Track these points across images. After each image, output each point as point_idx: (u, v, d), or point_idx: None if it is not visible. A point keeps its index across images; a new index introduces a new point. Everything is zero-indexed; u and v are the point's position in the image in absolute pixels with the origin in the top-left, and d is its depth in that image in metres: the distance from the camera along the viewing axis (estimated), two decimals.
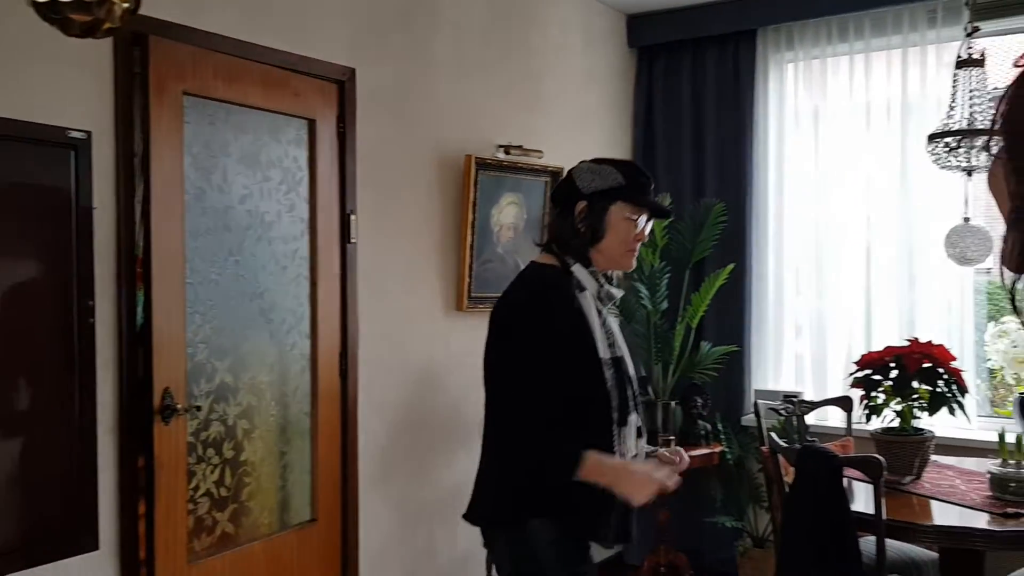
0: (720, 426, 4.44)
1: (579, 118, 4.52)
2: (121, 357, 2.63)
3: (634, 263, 2.28)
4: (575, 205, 2.20)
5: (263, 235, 3.04)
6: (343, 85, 3.29)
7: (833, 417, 4.12)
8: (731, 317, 4.54)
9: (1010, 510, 2.72)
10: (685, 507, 4.45)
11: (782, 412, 3.59)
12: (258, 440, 3.06)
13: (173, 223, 2.74)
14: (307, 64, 3.14)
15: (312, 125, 3.21)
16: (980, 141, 3.01)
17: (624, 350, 2.28)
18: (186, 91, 2.77)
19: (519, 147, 3.98)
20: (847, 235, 4.36)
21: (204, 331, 2.87)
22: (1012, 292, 0.78)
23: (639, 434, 2.25)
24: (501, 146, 3.93)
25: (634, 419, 2.20)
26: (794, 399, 3.70)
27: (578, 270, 2.19)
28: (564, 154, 4.22)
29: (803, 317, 4.50)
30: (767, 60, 4.52)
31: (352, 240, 3.33)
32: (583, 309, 2.16)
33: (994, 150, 0.81)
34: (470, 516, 2.26)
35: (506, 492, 2.18)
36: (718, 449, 4.32)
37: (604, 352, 2.15)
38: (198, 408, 2.84)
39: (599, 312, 2.20)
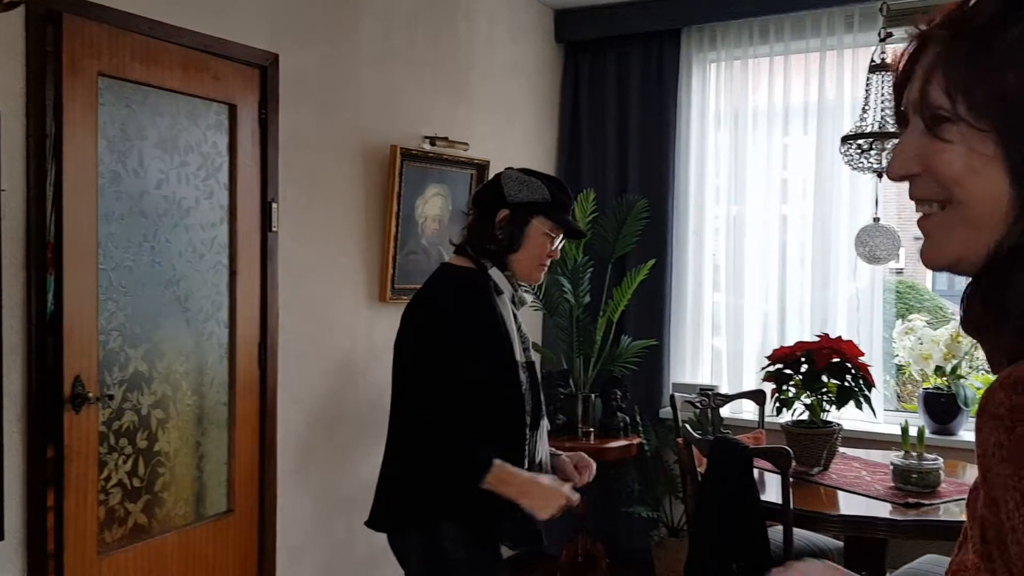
0: (639, 418, 4.51)
1: (506, 111, 4.53)
2: (30, 344, 2.55)
3: (542, 278, 2.31)
4: (497, 212, 2.21)
5: (180, 221, 2.98)
6: (265, 70, 3.24)
7: (747, 410, 4.23)
8: (651, 312, 4.62)
9: (911, 500, 2.82)
10: (603, 498, 4.52)
11: (697, 405, 3.67)
12: (173, 430, 3.01)
13: (86, 207, 2.66)
14: (228, 48, 3.09)
15: (233, 110, 3.15)
16: (891, 143, 3.12)
17: (534, 355, 2.31)
18: (102, 72, 2.70)
19: (445, 139, 3.97)
20: (764, 234, 4.47)
21: (118, 318, 2.80)
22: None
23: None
24: (427, 137, 3.93)
25: (545, 424, 2.23)
26: (709, 392, 3.78)
27: (495, 274, 2.22)
28: (490, 147, 4.24)
29: (720, 313, 4.60)
30: (690, 59, 4.60)
31: (273, 228, 3.29)
32: (502, 312, 2.18)
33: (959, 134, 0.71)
34: (374, 523, 2.24)
35: (415, 495, 2.17)
36: (636, 441, 4.40)
37: (520, 356, 2.18)
38: (110, 397, 2.78)
39: (514, 316, 2.22)
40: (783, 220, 4.45)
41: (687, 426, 3.11)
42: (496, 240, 2.20)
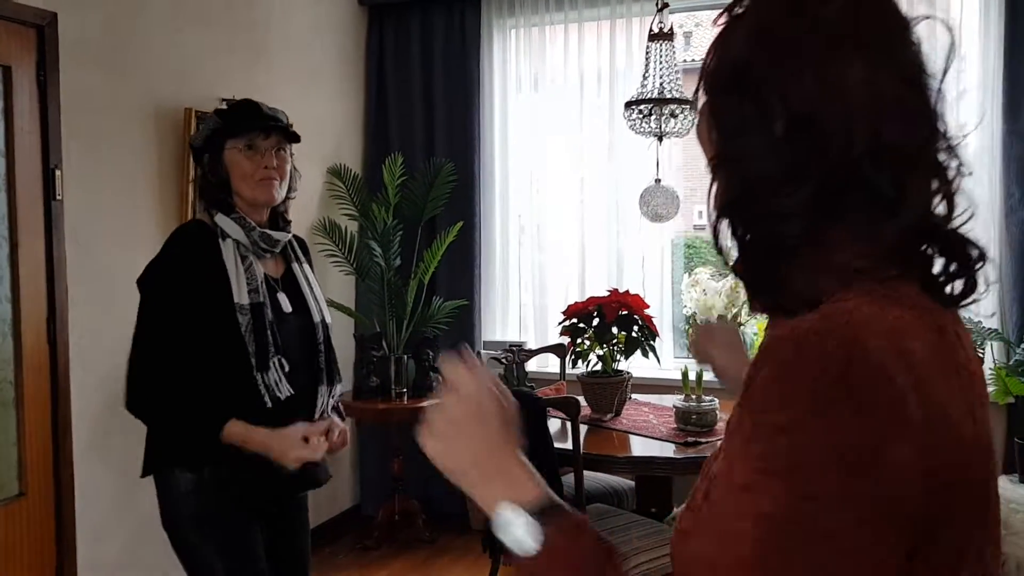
0: None
1: (308, 74, 4.48)
2: None
3: (274, 193, 2.26)
4: (202, 161, 2.28)
5: None
6: (42, 30, 3.07)
7: (552, 364, 4.43)
8: (461, 272, 4.72)
9: (690, 439, 3.07)
10: (419, 456, 4.61)
11: (503, 361, 3.81)
12: None
13: None
14: None
15: (7, 72, 2.98)
16: (668, 109, 3.33)
17: (311, 297, 2.34)
18: None
19: None
20: (564, 194, 4.66)
21: None
22: (716, 232, 0.83)
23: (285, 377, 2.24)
24: (224, 100, 3.82)
25: (278, 363, 2.18)
26: (514, 348, 3.94)
27: (221, 219, 2.22)
28: (294, 110, 4.13)
29: (526, 271, 4.78)
30: (491, 25, 4.68)
31: (58, 197, 3.14)
32: (223, 258, 2.18)
33: (700, 104, 0.86)
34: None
35: (152, 441, 2.22)
36: None
37: (242, 298, 2.16)
38: None
39: (244, 258, 2.21)
40: (581, 181, 4.65)
41: None
42: (212, 184, 2.25)
